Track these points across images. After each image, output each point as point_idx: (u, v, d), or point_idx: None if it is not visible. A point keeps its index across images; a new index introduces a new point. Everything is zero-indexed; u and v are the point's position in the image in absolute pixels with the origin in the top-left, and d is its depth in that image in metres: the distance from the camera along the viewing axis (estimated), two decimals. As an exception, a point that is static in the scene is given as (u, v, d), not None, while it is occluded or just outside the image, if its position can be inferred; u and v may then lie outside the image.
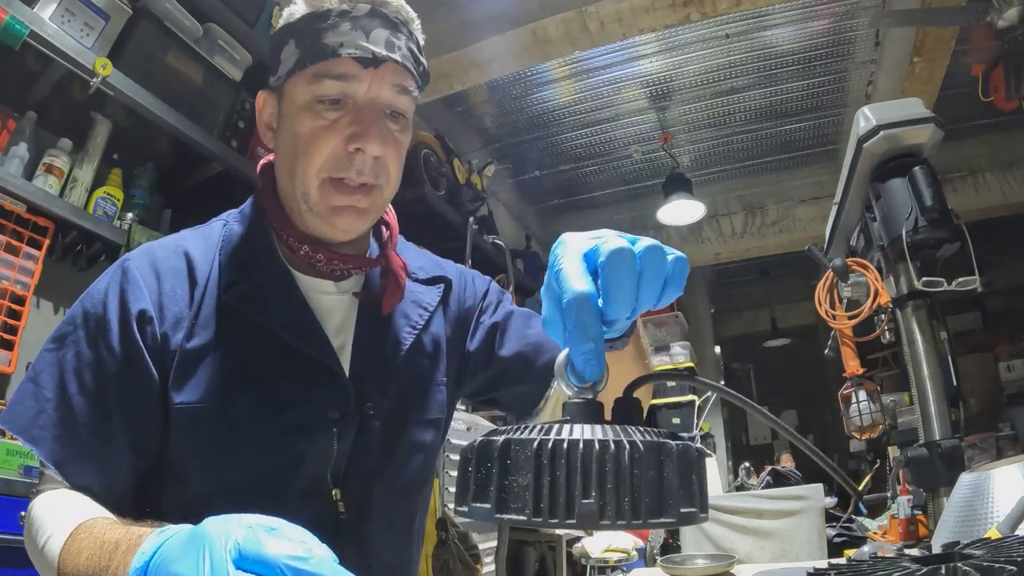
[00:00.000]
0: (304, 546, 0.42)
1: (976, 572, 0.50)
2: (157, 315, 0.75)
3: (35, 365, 0.76)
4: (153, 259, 0.79)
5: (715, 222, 5.44)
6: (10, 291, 1.91)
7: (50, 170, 2.05)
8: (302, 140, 0.77)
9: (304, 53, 0.77)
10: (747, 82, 4.27)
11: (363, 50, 0.74)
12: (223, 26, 2.50)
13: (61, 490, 0.72)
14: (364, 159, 0.77)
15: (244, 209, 0.87)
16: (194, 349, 0.75)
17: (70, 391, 0.72)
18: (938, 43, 3.41)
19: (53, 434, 0.72)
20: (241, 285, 0.78)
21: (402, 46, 0.78)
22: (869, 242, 1.93)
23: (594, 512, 0.34)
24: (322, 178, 0.77)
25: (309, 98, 0.77)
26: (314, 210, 0.79)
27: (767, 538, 2.23)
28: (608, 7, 3.17)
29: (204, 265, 0.80)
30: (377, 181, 0.79)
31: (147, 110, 2.17)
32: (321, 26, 0.76)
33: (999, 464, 0.93)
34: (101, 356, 0.73)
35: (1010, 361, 5.26)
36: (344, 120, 0.76)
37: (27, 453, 1.59)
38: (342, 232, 0.81)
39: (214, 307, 0.77)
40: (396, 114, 0.80)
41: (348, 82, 0.76)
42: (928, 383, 1.70)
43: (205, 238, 0.83)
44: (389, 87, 0.78)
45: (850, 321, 1.93)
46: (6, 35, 1.77)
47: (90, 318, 0.75)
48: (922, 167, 1.72)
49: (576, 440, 0.35)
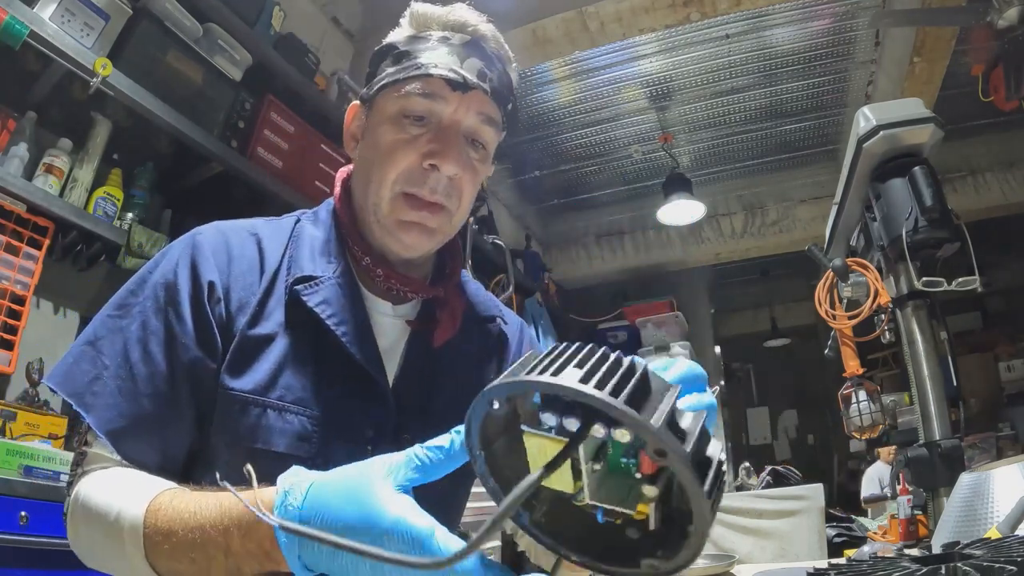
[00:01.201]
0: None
1: (976, 572, 0.50)
2: (224, 294, 0.75)
3: (94, 330, 0.74)
4: (226, 239, 0.81)
5: (715, 222, 5.44)
6: (10, 291, 1.91)
7: (50, 170, 2.05)
8: (381, 151, 0.79)
9: (398, 69, 0.80)
10: (747, 82, 4.27)
11: (455, 73, 0.77)
12: (223, 26, 2.50)
13: (114, 468, 0.69)
14: (439, 177, 0.78)
15: (319, 211, 0.89)
16: (255, 337, 0.74)
17: (132, 359, 0.71)
18: (938, 43, 3.41)
19: (109, 402, 0.69)
20: (311, 284, 0.78)
21: (494, 79, 0.80)
22: (869, 242, 1.92)
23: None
24: (395, 191, 0.78)
25: (396, 111, 0.79)
26: (382, 222, 0.80)
27: (767, 538, 2.23)
28: (608, 7, 3.17)
29: (274, 256, 0.80)
30: (448, 203, 0.80)
31: (147, 110, 2.17)
32: (420, 47, 0.80)
33: (999, 464, 0.93)
34: (170, 325, 0.73)
35: (1010, 361, 5.26)
36: (425, 137, 0.78)
37: (27, 453, 1.59)
38: (407, 247, 0.81)
39: (280, 300, 0.77)
40: (478, 143, 0.82)
41: (435, 101, 0.78)
42: (928, 383, 1.70)
43: (277, 231, 0.85)
44: (475, 114, 0.79)
45: (850, 321, 1.92)
46: (6, 35, 1.77)
47: (159, 286, 0.75)
48: (922, 167, 1.71)
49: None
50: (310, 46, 3.07)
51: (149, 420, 0.70)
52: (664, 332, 5.31)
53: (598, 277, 5.90)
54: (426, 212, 0.79)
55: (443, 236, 0.84)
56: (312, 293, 0.77)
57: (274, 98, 2.72)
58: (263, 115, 2.66)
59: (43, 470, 1.57)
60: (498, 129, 0.83)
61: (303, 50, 2.97)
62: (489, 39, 0.82)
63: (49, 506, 1.45)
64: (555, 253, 5.93)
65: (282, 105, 2.75)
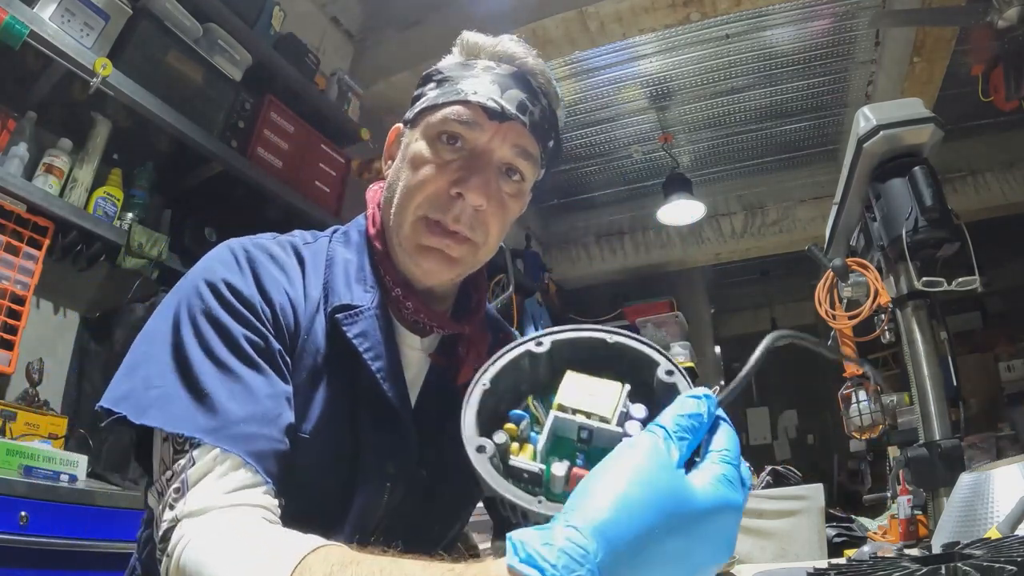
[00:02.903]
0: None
1: (976, 572, 0.50)
2: (292, 314, 0.73)
3: (148, 351, 0.66)
4: (278, 259, 0.77)
5: (715, 222, 5.44)
6: (10, 291, 1.91)
7: (50, 170, 2.05)
8: (411, 173, 0.78)
9: (439, 94, 0.79)
10: (747, 82, 4.27)
11: (493, 102, 0.75)
12: (223, 26, 2.50)
13: (226, 517, 0.56)
14: (463, 207, 0.76)
15: (349, 232, 0.85)
16: (304, 366, 0.72)
17: (233, 366, 0.64)
18: (938, 43, 3.41)
19: (227, 407, 0.61)
20: (351, 314, 0.75)
21: (535, 113, 0.78)
22: (869, 242, 1.92)
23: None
24: (418, 215, 0.77)
25: (431, 135, 0.78)
26: (403, 245, 0.78)
27: (767, 538, 2.23)
28: (608, 7, 3.17)
29: (315, 280, 0.78)
30: (473, 235, 0.78)
31: (147, 110, 2.17)
32: (463, 74, 0.79)
33: (999, 464, 0.93)
34: (259, 329, 0.68)
35: (1010, 361, 5.25)
36: (455, 164, 0.77)
37: (27, 453, 1.59)
38: (425, 273, 0.79)
39: (322, 326, 0.75)
40: (512, 172, 0.79)
41: (470, 129, 0.76)
42: (928, 383, 1.70)
43: (316, 253, 0.81)
44: (510, 146, 0.78)
45: (850, 321, 1.92)
46: (6, 35, 1.77)
47: (224, 291, 0.69)
48: (922, 167, 1.71)
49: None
50: (310, 46, 3.07)
51: (277, 424, 0.64)
52: (664, 332, 5.31)
53: (598, 277, 5.90)
54: (449, 240, 0.77)
55: (466, 267, 0.81)
56: (351, 324, 0.74)
57: (274, 98, 2.73)
58: (263, 115, 2.66)
59: (43, 470, 1.57)
60: (535, 165, 0.81)
61: (303, 50, 2.97)
62: (537, 74, 0.81)
63: (49, 506, 1.45)
64: (555, 253, 5.93)
65: (282, 105, 2.75)
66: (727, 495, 0.38)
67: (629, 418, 0.46)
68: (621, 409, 0.46)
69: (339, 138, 3.09)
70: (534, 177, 0.83)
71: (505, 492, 0.43)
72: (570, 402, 0.46)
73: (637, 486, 0.37)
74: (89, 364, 2.20)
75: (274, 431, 0.63)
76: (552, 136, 0.83)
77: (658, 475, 0.37)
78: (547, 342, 0.50)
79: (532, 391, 0.51)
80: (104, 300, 2.30)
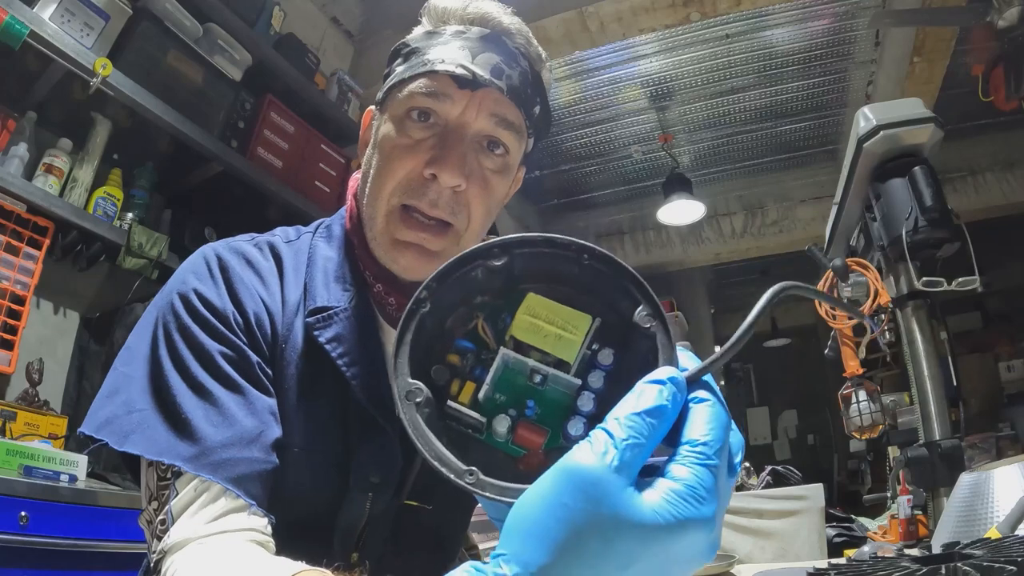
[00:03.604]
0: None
1: (976, 572, 0.50)
2: (269, 322, 0.69)
3: (124, 372, 0.64)
4: (254, 263, 0.72)
5: (715, 222, 5.44)
6: (10, 291, 1.91)
7: (50, 170, 2.05)
8: (382, 157, 0.72)
9: (406, 68, 0.72)
10: (747, 82, 4.27)
11: (463, 69, 0.68)
12: (223, 26, 2.50)
13: (208, 544, 0.55)
14: (439, 189, 0.69)
15: (332, 226, 0.80)
16: (286, 375, 0.68)
17: (209, 386, 0.61)
18: (938, 43, 3.41)
19: (203, 433, 0.59)
20: (324, 316, 0.70)
21: (514, 77, 0.70)
22: (869, 242, 1.92)
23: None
24: (392, 204, 0.71)
25: (399, 113, 0.71)
26: (378, 240, 0.72)
27: (767, 538, 2.23)
28: (608, 7, 3.17)
29: (295, 283, 0.73)
30: (454, 220, 0.71)
31: (147, 110, 2.17)
32: (431, 43, 0.72)
33: (999, 464, 0.93)
34: (234, 344, 0.64)
35: (1010, 361, 5.25)
36: (427, 143, 0.70)
37: (27, 453, 1.59)
38: (404, 270, 0.72)
39: (300, 331, 0.70)
40: (494, 145, 0.72)
41: (440, 101, 0.69)
42: (928, 383, 1.70)
43: (297, 253, 0.76)
44: (487, 116, 0.70)
45: (850, 321, 1.92)
46: (6, 35, 1.77)
47: (198, 308, 0.65)
48: (922, 167, 1.71)
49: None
50: (310, 46, 3.07)
51: (258, 444, 0.61)
52: (664, 332, 5.31)
53: (598, 277, 5.89)
54: (427, 234, 0.70)
55: (448, 259, 0.77)
56: (324, 328, 0.69)
57: (274, 98, 2.72)
58: (263, 115, 2.66)
59: (43, 470, 1.57)
60: (519, 134, 0.73)
61: (303, 50, 2.97)
62: (514, 33, 0.73)
63: (49, 506, 1.45)
64: (555, 253, 5.93)
65: (282, 105, 2.75)
66: (687, 513, 0.32)
67: (594, 366, 0.39)
68: (586, 350, 0.39)
69: (339, 138, 3.09)
70: (520, 149, 0.75)
71: (433, 459, 0.37)
72: (525, 336, 0.40)
73: (569, 527, 0.31)
74: (89, 364, 2.20)
75: (255, 451, 0.60)
76: (537, 101, 0.74)
77: (595, 509, 0.31)
78: (508, 252, 0.41)
79: (484, 311, 0.43)
80: (104, 300, 2.30)
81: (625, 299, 0.40)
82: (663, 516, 0.31)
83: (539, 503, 0.32)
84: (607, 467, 0.32)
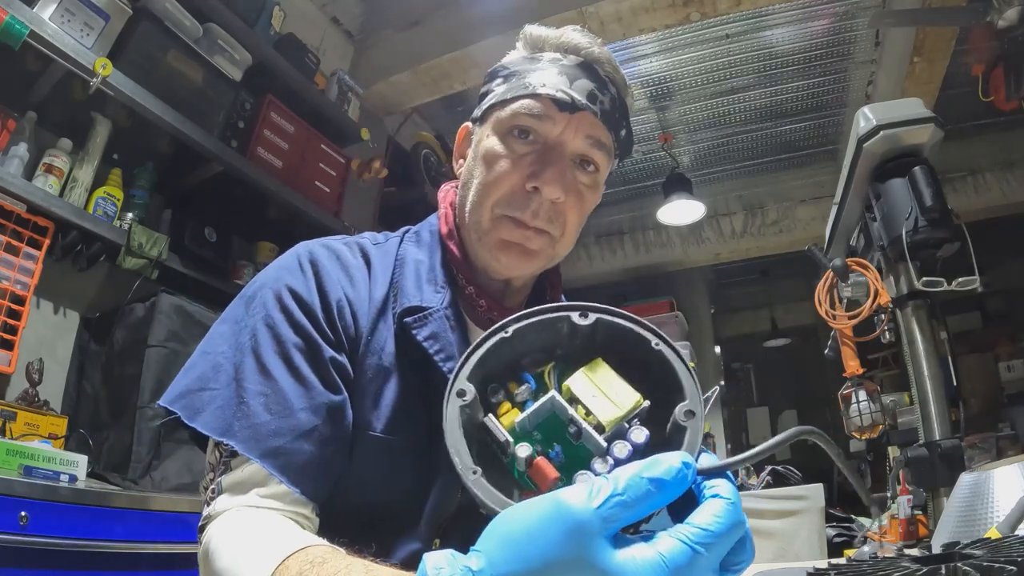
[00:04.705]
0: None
1: (976, 572, 0.50)
2: (352, 317, 0.73)
3: (209, 349, 0.69)
4: (342, 259, 0.77)
5: (715, 222, 5.44)
6: (10, 291, 1.91)
7: (50, 170, 2.05)
8: (485, 169, 0.78)
9: (507, 89, 0.79)
10: (747, 82, 4.27)
11: (563, 94, 0.75)
12: (223, 26, 2.50)
13: (247, 513, 0.61)
14: (541, 201, 0.75)
15: (420, 232, 0.85)
16: (373, 368, 0.72)
17: (275, 374, 0.65)
18: (938, 43, 3.41)
19: (257, 422, 0.64)
20: (420, 315, 0.74)
21: (605, 103, 0.77)
22: (869, 242, 1.92)
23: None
24: (496, 214, 0.77)
25: (502, 130, 0.78)
26: (482, 240, 0.78)
27: (767, 538, 2.23)
28: (608, 7, 3.17)
29: (382, 281, 0.77)
30: (551, 229, 0.77)
31: (147, 110, 2.17)
32: (530, 67, 0.78)
33: (999, 464, 0.93)
34: (310, 337, 0.68)
35: (1010, 361, 5.25)
36: (528, 158, 0.76)
37: (27, 453, 1.59)
38: (506, 268, 0.79)
39: (391, 330, 0.74)
40: (587, 164, 0.78)
41: (542, 122, 0.76)
42: (928, 383, 1.70)
43: (385, 254, 0.81)
44: (583, 137, 0.77)
45: (850, 321, 1.92)
46: (6, 35, 1.77)
47: (285, 297, 0.70)
48: (922, 167, 1.71)
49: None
50: (310, 46, 3.07)
51: (312, 437, 0.64)
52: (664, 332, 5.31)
53: (598, 277, 5.90)
54: (530, 232, 0.76)
55: (544, 261, 0.81)
56: (421, 326, 0.73)
57: (274, 98, 2.73)
58: (263, 115, 2.66)
59: (43, 470, 1.57)
60: (609, 154, 0.80)
61: (303, 50, 2.98)
62: (603, 63, 0.79)
63: (49, 506, 1.45)
64: (555, 253, 5.93)
65: (282, 105, 2.75)
66: None
67: (623, 438, 0.42)
68: (624, 424, 0.43)
69: (339, 138, 3.10)
70: (608, 168, 0.82)
71: (450, 447, 0.41)
72: (579, 391, 0.43)
73: (541, 550, 0.34)
74: (89, 364, 2.20)
75: (305, 444, 0.64)
76: (624, 125, 0.82)
77: (568, 544, 0.34)
78: (593, 317, 0.47)
79: (557, 360, 0.48)
80: (104, 300, 2.30)
81: (678, 391, 0.44)
82: (624, 573, 0.34)
83: (523, 518, 0.36)
84: (592, 511, 0.35)
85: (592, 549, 0.34)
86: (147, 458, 1.94)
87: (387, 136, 3.87)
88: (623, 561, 0.34)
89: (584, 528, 0.34)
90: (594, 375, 0.45)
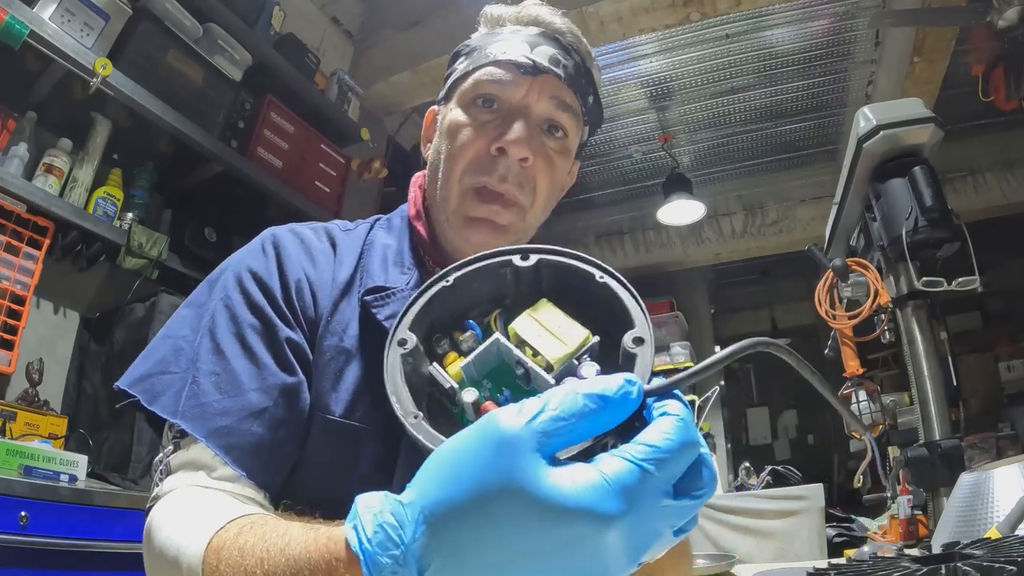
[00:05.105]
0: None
1: (976, 572, 0.50)
2: (311, 297, 0.72)
3: (171, 330, 0.68)
4: (305, 241, 0.76)
5: (715, 222, 5.44)
6: (10, 291, 1.91)
7: (50, 170, 2.05)
8: (449, 142, 0.77)
9: (469, 63, 0.79)
10: (747, 82, 4.27)
11: (524, 58, 0.75)
12: (223, 26, 2.50)
13: (191, 490, 0.60)
14: (507, 163, 0.74)
15: (392, 218, 0.85)
16: (334, 349, 0.70)
17: (229, 354, 0.65)
18: (938, 43, 3.41)
19: (205, 401, 0.62)
20: (382, 295, 0.73)
21: (569, 67, 0.77)
22: (869, 242, 1.92)
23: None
24: (464, 185, 0.75)
25: (466, 101, 0.77)
26: (450, 220, 0.77)
27: (767, 538, 2.23)
28: (608, 7, 3.17)
29: (348, 263, 0.76)
30: (521, 196, 0.75)
31: (147, 110, 2.17)
32: (491, 40, 0.78)
33: (999, 464, 0.93)
34: (267, 317, 0.67)
35: (1010, 361, 5.25)
36: (493, 123, 0.75)
37: (27, 453, 1.59)
38: (476, 247, 0.74)
39: (355, 311, 0.72)
40: (556, 132, 0.78)
41: (504, 87, 0.75)
42: (928, 383, 1.70)
43: (352, 238, 0.80)
44: (547, 99, 0.76)
45: (850, 321, 1.92)
46: (6, 35, 1.77)
47: (246, 279, 0.69)
48: (922, 167, 1.71)
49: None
50: (310, 46, 3.07)
51: (262, 418, 0.63)
52: (664, 332, 5.32)
53: (598, 277, 5.89)
54: (497, 206, 0.74)
55: (516, 235, 0.78)
56: (382, 306, 0.71)
57: (274, 98, 2.73)
58: (263, 115, 2.66)
59: (43, 470, 1.57)
60: (577, 119, 0.79)
61: (303, 50, 2.98)
62: (565, 33, 0.79)
63: (49, 506, 1.45)
64: (555, 253, 5.92)
65: (282, 105, 2.75)
66: (583, 502, 0.30)
67: (573, 373, 0.41)
68: (574, 361, 0.41)
69: (339, 138, 3.10)
70: (578, 134, 0.80)
71: (391, 393, 0.40)
72: (525, 332, 0.42)
73: (472, 475, 0.32)
74: (89, 364, 2.20)
75: (255, 425, 0.63)
76: (591, 92, 0.80)
77: (496, 458, 0.31)
78: (534, 258, 0.45)
79: (503, 306, 0.46)
80: (104, 300, 2.30)
81: (626, 323, 0.42)
82: (559, 496, 0.31)
83: (454, 445, 0.34)
84: (523, 428, 0.32)
85: (524, 467, 0.31)
86: (147, 458, 1.94)
87: (387, 136, 3.87)
88: (559, 480, 0.31)
89: (514, 444, 0.32)
90: (539, 315, 0.43)
